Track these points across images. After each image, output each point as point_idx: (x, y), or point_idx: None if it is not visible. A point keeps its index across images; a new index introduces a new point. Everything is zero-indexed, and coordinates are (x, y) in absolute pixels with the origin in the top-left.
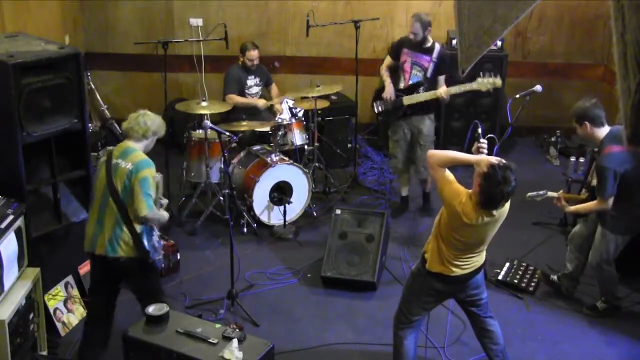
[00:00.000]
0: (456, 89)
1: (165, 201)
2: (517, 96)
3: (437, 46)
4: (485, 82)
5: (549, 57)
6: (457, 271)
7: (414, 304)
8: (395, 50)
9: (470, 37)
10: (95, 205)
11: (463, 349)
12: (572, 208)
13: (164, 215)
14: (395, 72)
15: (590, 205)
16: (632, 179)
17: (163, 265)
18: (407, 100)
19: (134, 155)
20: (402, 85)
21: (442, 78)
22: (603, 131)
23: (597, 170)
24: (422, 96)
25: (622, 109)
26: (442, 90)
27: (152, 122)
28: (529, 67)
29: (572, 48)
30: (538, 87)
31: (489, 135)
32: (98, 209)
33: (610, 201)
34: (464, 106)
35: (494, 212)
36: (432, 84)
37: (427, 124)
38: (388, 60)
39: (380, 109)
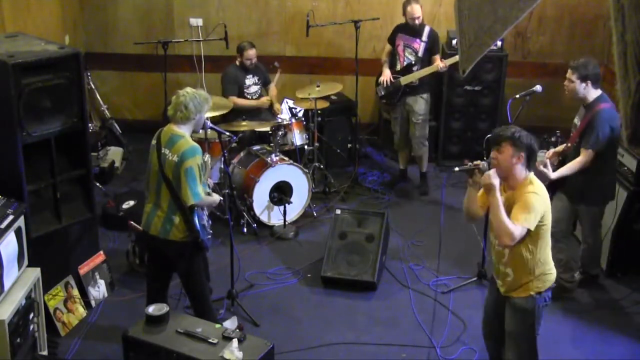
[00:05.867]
0: (450, 60)
1: (211, 182)
2: (517, 96)
3: (427, 28)
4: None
5: (549, 57)
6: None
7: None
8: (392, 36)
9: (471, 37)
10: (152, 188)
11: (463, 349)
12: (555, 174)
13: (215, 199)
14: (394, 57)
15: (574, 163)
16: (608, 145)
17: (210, 244)
18: (404, 80)
19: (179, 145)
20: (398, 67)
21: (436, 57)
22: (596, 92)
23: (592, 123)
24: (418, 73)
25: (622, 109)
26: (438, 62)
27: (192, 103)
28: (529, 67)
29: (572, 48)
30: (538, 87)
31: (488, 136)
32: (155, 192)
33: (592, 154)
34: (464, 106)
35: None
36: (425, 63)
37: (420, 103)
38: (387, 47)
39: (382, 92)
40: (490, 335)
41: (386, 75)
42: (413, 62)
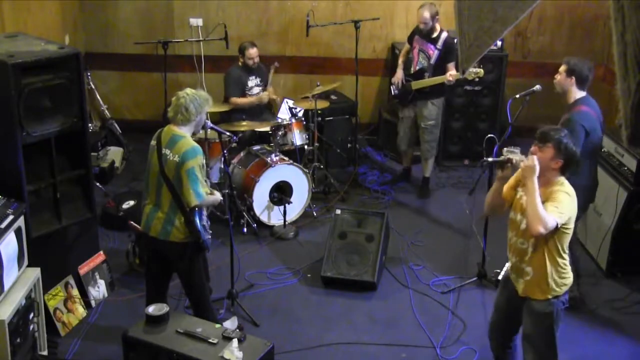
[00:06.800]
0: (458, 76)
1: (208, 182)
2: (517, 96)
3: (444, 35)
4: (471, 72)
5: (549, 57)
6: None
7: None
8: (410, 37)
9: (471, 37)
10: (152, 190)
11: (463, 349)
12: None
13: (216, 198)
14: (410, 59)
15: None
16: (587, 148)
17: (210, 244)
18: (415, 84)
19: (180, 145)
20: (411, 70)
21: (450, 65)
22: (579, 94)
23: (568, 125)
24: (428, 81)
25: (622, 109)
26: (448, 75)
27: (193, 105)
28: (529, 67)
29: (572, 48)
30: (538, 87)
31: (488, 135)
32: (155, 193)
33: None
34: (464, 106)
35: None
36: (436, 71)
37: (429, 108)
38: (406, 47)
39: (395, 92)
40: (498, 335)
41: (398, 77)
42: (425, 68)
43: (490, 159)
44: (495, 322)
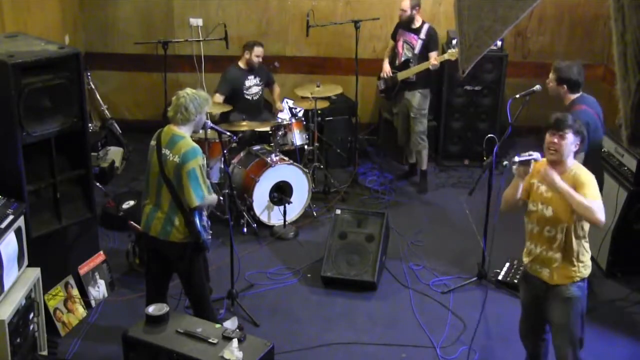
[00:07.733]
0: (441, 58)
1: (208, 182)
2: (517, 96)
3: (426, 26)
4: (454, 52)
5: (549, 57)
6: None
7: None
8: (393, 32)
9: (471, 37)
10: (152, 190)
11: (463, 349)
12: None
13: (214, 198)
14: (395, 54)
15: None
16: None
17: (210, 244)
18: (401, 75)
19: (180, 145)
20: (397, 63)
21: (432, 53)
22: (575, 95)
23: None
24: (413, 69)
25: (622, 109)
26: (432, 60)
27: (193, 105)
28: (529, 67)
29: (572, 48)
30: (538, 87)
31: (488, 135)
32: (155, 193)
33: (582, 156)
34: (464, 106)
35: None
36: (420, 61)
37: (417, 98)
38: (390, 44)
39: (382, 86)
40: (531, 332)
41: (385, 70)
42: (410, 59)
43: (516, 159)
44: (524, 320)
